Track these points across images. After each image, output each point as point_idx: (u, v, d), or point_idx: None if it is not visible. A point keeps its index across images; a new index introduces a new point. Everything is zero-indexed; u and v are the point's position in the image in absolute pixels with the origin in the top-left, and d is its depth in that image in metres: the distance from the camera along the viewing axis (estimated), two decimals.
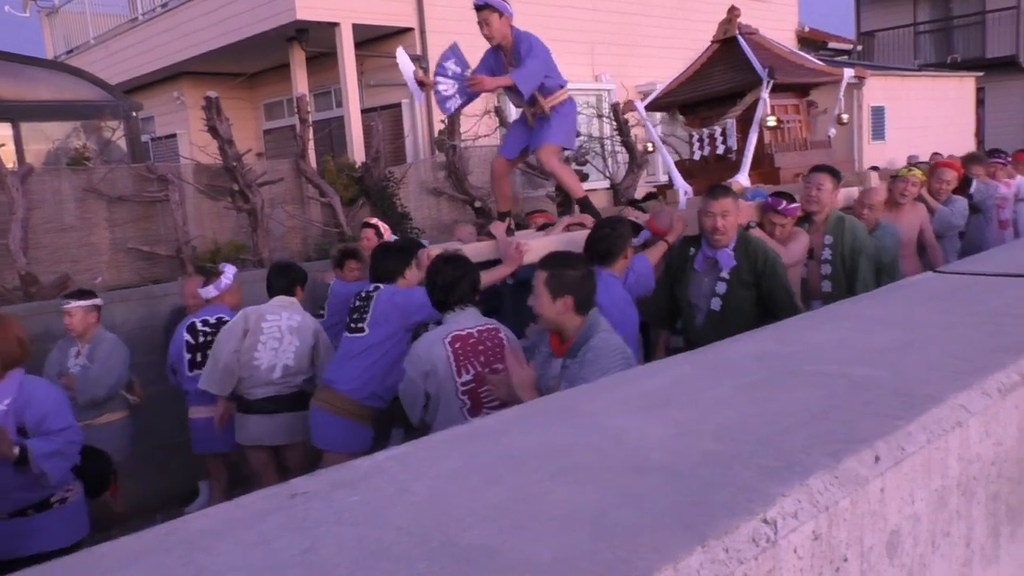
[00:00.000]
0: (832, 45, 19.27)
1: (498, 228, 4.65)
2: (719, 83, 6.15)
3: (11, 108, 8.67)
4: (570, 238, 4.51)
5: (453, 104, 4.59)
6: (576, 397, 1.47)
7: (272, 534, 0.94)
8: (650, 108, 6.62)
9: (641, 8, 13.49)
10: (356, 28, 10.53)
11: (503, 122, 9.73)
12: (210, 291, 4.93)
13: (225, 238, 7.62)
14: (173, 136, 13.26)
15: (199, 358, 4.75)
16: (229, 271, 5.04)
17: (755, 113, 5.70)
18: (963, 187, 6.09)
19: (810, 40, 17.88)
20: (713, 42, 6.53)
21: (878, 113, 14.69)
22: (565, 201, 9.80)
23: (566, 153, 9.83)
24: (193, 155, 8.89)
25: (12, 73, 8.80)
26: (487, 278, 4.14)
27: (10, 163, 7.65)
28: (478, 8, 4.34)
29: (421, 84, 4.66)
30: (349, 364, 3.99)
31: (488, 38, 4.43)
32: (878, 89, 14.63)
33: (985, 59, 18.71)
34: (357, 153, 10.08)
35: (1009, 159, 7.31)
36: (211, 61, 12.11)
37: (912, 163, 9.45)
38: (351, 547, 0.89)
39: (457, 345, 3.36)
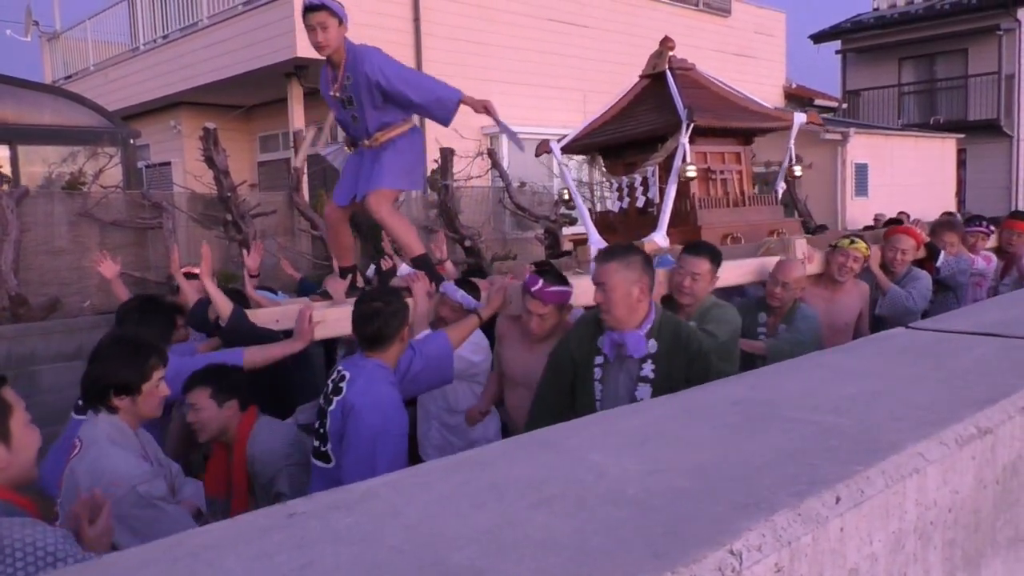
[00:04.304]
0: (818, 102, 19.77)
1: (337, 287, 3.98)
2: (640, 124, 5.28)
3: (9, 130, 8.76)
4: None
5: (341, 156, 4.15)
6: (559, 433, 1.54)
7: (273, 549, 1.00)
8: (568, 151, 5.75)
9: (631, 58, 13.79)
10: None
11: (495, 163, 9.91)
12: None
13: (216, 267, 7.68)
14: (167, 164, 13.38)
15: None
16: None
17: (673, 162, 4.87)
18: (931, 258, 5.05)
19: (797, 96, 18.35)
20: (641, 77, 5.66)
21: (862, 170, 15.03)
22: (553, 244, 9.95)
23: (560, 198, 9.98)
24: (187, 183, 8.98)
25: (11, 96, 8.90)
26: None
27: (5, 185, 7.70)
28: (312, 9, 3.54)
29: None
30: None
31: (319, 47, 3.61)
32: (862, 146, 14.99)
33: (967, 121, 19.20)
34: None
35: (991, 227, 5.92)
36: (209, 92, 12.28)
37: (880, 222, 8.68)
38: (348, 563, 0.96)
39: None
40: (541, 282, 3.32)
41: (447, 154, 9.16)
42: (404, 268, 3.74)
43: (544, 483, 1.24)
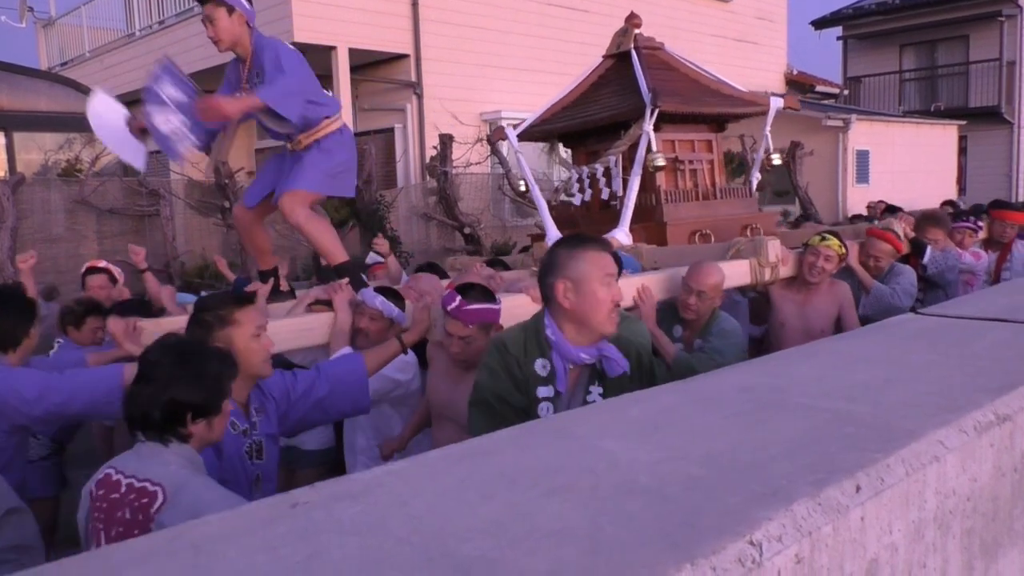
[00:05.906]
0: (820, 89, 19.69)
1: (261, 292, 3.65)
2: (602, 109, 4.87)
3: (5, 117, 8.69)
4: (304, 325, 3.22)
5: (185, 145, 3.42)
6: (568, 420, 1.51)
7: (277, 540, 0.97)
8: (525, 137, 5.28)
9: None
10: (352, 52, 10.67)
11: (495, 150, 9.85)
12: None
13: (214, 254, 7.64)
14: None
15: None
16: None
17: (637, 151, 4.48)
18: (916, 253, 4.71)
19: (798, 83, 18.27)
20: (605, 57, 5.16)
21: (863, 157, 14.97)
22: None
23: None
24: (184, 170, 8.92)
25: (7, 83, 8.83)
26: None
27: (1, 172, 7.66)
28: (201, 1, 3.37)
29: (142, 131, 3.50)
30: None
31: (214, 41, 3.39)
32: (863, 133, 14.93)
33: (968, 108, 19.13)
34: None
35: (980, 222, 5.56)
36: (206, 78, 12.17)
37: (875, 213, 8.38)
38: (353, 555, 0.93)
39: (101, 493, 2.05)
40: (459, 299, 2.84)
41: (446, 140, 9.10)
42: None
43: (555, 472, 1.20)
